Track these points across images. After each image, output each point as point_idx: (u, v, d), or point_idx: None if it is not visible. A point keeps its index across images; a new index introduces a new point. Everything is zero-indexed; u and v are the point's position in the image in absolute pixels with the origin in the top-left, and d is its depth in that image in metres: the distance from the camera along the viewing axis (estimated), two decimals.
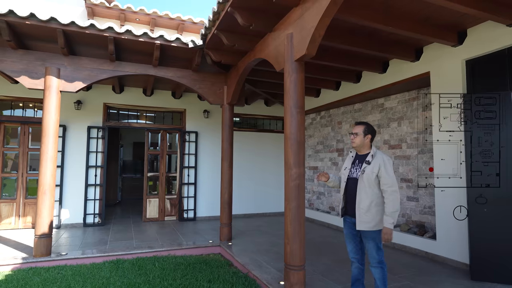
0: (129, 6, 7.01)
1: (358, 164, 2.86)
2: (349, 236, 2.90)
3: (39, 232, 4.50)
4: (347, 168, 2.94)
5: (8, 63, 4.52)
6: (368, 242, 2.74)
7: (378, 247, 2.72)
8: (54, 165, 4.62)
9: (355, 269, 2.92)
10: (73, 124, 6.73)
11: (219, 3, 3.77)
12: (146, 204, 7.37)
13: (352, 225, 2.85)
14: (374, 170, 2.70)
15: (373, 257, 2.74)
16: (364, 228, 2.69)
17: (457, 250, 4.21)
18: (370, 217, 2.68)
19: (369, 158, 2.78)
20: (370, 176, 2.70)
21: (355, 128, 2.91)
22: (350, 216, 2.84)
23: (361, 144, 2.88)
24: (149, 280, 3.89)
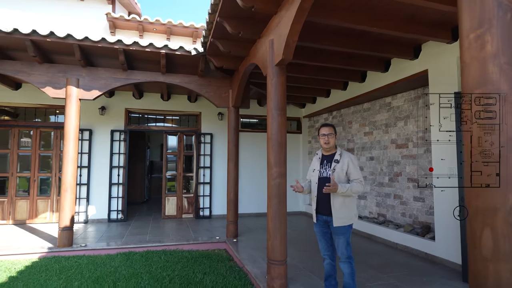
0: (146, 18, 7.54)
1: (327, 164, 2.97)
2: (320, 234, 3.02)
3: (62, 225, 5.06)
4: (315, 169, 3.05)
5: (36, 76, 5.14)
6: (339, 238, 2.86)
7: (347, 242, 2.85)
8: (74, 165, 5.16)
9: (327, 265, 3.03)
10: (98, 128, 7.37)
11: (209, 14, 4.04)
12: (165, 202, 7.85)
13: (323, 223, 2.97)
14: (343, 167, 2.85)
15: (342, 253, 2.86)
16: (340, 223, 2.81)
17: (455, 252, 4.12)
18: (344, 213, 2.82)
19: (337, 157, 2.93)
20: (340, 174, 2.85)
21: (327, 129, 3.01)
22: (322, 214, 2.95)
23: (333, 145, 3.00)
24: (152, 270, 4.26)
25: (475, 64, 1.16)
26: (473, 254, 1.15)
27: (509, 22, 1.09)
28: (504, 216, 1.07)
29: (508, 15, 1.09)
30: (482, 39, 1.13)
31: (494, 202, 1.10)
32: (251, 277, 3.91)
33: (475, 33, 1.16)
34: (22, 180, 7.18)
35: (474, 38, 1.16)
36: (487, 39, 1.12)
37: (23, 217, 6.98)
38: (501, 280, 1.07)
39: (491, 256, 1.09)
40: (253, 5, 3.30)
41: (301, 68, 5.58)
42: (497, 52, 1.10)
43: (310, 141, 8.88)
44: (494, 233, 1.09)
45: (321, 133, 3.03)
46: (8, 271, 4.18)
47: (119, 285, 3.73)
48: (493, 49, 1.10)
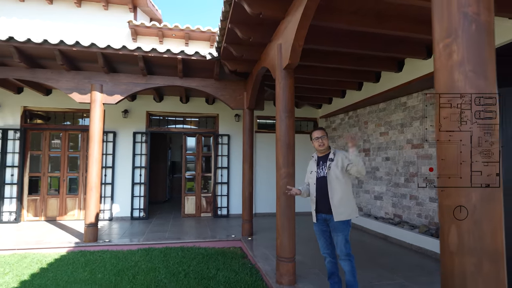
0: (165, 24, 7.85)
1: (323, 164, 3.07)
2: (320, 232, 3.11)
3: (88, 222, 5.40)
4: (313, 171, 3.15)
5: (63, 82, 5.52)
6: (338, 235, 2.93)
7: (346, 240, 2.92)
8: (99, 166, 5.50)
9: (328, 263, 3.12)
10: (121, 131, 7.75)
11: (221, 21, 4.21)
12: (184, 201, 8.13)
13: (323, 222, 3.06)
14: (338, 164, 2.96)
15: (341, 251, 2.93)
16: (341, 218, 2.89)
17: None
18: (344, 208, 2.91)
19: (331, 156, 3.04)
20: (336, 170, 2.95)
21: (320, 132, 3.15)
22: (322, 213, 3.04)
23: (327, 146, 3.10)
24: (169, 265, 4.49)
25: (443, 71, 1.24)
26: (442, 248, 1.24)
27: (474, 33, 1.17)
28: (470, 215, 1.15)
29: (473, 26, 1.17)
30: (449, 48, 1.22)
31: (459, 201, 1.18)
32: (262, 274, 4.05)
33: (443, 42, 1.24)
34: (53, 179, 7.67)
35: (443, 47, 1.24)
36: (454, 49, 1.20)
37: (53, 214, 7.46)
38: (465, 273, 1.15)
39: (457, 250, 1.17)
40: (260, 12, 3.43)
41: (315, 69, 5.63)
42: (463, 61, 1.18)
43: None
44: (460, 230, 1.17)
45: (314, 136, 3.15)
46: (39, 263, 4.54)
47: (138, 278, 3.97)
48: (459, 58, 1.19)
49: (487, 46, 1.18)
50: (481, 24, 1.18)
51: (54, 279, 3.93)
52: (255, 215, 8.05)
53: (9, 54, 5.09)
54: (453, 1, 1.22)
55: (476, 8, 1.18)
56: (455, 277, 1.18)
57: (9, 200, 7.14)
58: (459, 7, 1.20)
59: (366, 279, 3.70)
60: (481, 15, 1.18)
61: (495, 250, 1.14)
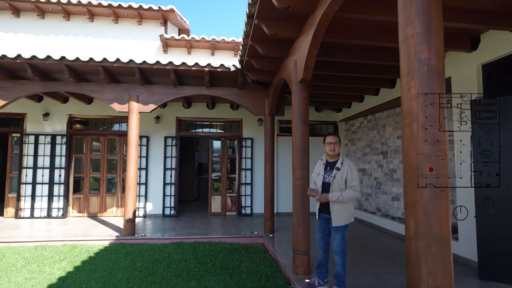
0: (193, 36, 8.47)
1: (330, 170, 3.40)
2: (319, 229, 3.50)
3: (126, 218, 6.08)
4: (320, 174, 3.48)
5: (105, 94, 6.24)
6: (337, 234, 3.31)
7: (343, 238, 3.30)
8: (136, 167, 6.16)
9: (320, 256, 3.52)
10: (154, 135, 8.46)
11: (243, 38, 4.71)
12: (211, 200, 8.71)
13: (324, 220, 3.44)
14: (343, 175, 3.27)
15: (337, 247, 3.30)
16: (339, 224, 3.25)
17: (475, 250, 4.29)
18: (342, 215, 3.26)
19: (338, 165, 3.35)
20: (340, 181, 3.27)
21: (333, 138, 3.44)
22: (324, 212, 3.41)
23: (338, 152, 3.46)
24: (198, 257, 5.03)
25: (406, 100, 1.65)
26: (406, 235, 1.64)
27: (426, 73, 1.57)
28: (421, 207, 1.55)
29: (425, 68, 1.57)
30: (409, 84, 1.62)
31: (415, 197, 1.58)
32: (281, 266, 4.49)
33: (406, 79, 1.65)
34: (93, 180, 8.50)
35: (405, 82, 1.65)
36: (411, 84, 1.61)
37: (95, 211, 8.28)
38: (419, 253, 1.55)
39: (414, 235, 1.57)
40: (277, 33, 3.89)
41: (334, 78, 5.98)
42: (417, 93, 1.58)
43: (347, 144, 9.16)
44: (415, 219, 1.57)
45: (327, 141, 3.43)
46: (87, 252, 5.23)
47: (171, 266, 4.54)
48: (415, 91, 1.59)
49: (436, 83, 1.57)
50: (432, 66, 1.57)
51: (101, 266, 4.58)
52: (277, 214, 8.49)
53: (60, 70, 5.85)
54: (411, 49, 1.62)
55: (427, 54, 1.57)
56: (412, 256, 1.58)
57: (57, 198, 8.02)
58: (415, 53, 1.60)
59: (377, 273, 4.05)
60: (432, 60, 1.57)
61: (441, 235, 1.53)
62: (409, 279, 1.61)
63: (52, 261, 4.79)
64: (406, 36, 1.66)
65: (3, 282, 3.98)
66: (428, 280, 1.51)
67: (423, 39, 1.59)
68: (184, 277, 4.18)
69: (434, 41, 1.58)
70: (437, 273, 1.50)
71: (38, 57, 5.44)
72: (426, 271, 1.52)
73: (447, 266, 1.52)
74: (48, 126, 8.14)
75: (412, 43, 1.62)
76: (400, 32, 1.71)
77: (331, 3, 2.92)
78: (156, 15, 8.58)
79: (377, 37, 4.03)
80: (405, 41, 1.66)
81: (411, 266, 1.59)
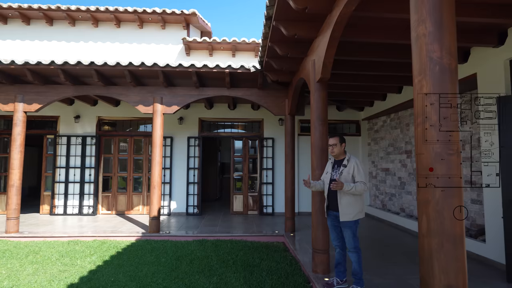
0: (214, 39, 8.65)
1: (337, 168, 3.46)
2: (332, 227, 3.52)
3: (152, 215, 6.31)
4: (328, 172, 3.55)
5: (131, 96, 6.51)
6: (346, 231, 3.32)
7: (354, 235, 3.31)
8: (160, 167, 6.39)
9: (337, 254, 3.53)
10: (177, 136, 8.71)
11: (262, 39, 4.78)
12: (233, 199, 8.85)
13: (334, 218, 3.46)
14: (349, 171, 3.33)
15: (350, 244, 3.32)
16: (346, 219, 3.29)
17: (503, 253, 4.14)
18: (350, 209, 3.28)
19: (345, 162, 3.41)
20: (347, 177, 3.32)
21: (331, 140, 3.51)
22: (333, 210, 3.45)
23: (339, 152, 3.48)
24: (219, 254, 5.16)
25: (418, 99, 1.66)
26: (419, 232, 1.65)
27: (437, 72, 1.58)
28: (433, 206, 1.56)
29: (436, 67, 1.58)
30: (421, 83, 1.64)
31: (427, 196, 1.59)
32: (301, 264, 4.53)
33: (417, 78, 1.66)
34: (121, 179, 8.86)
35: (417, 82, 1.66)
36: (423, 83, 1.62)
37: (122, 208, 8.64)
38: (432, 250, 1.56)
39: (426, 233, 1.59)
40: (295, 33, 3.93)
41: (355, 76, 5.94)
42: (429, 92, 1.59)
43: (370, 143, 9.02)
44: (427, 217, 1.58)
45: (328, 143, 3.56)
46: (115, 248, 5.49)
47: (194, 263, 4.69)
48: (427, 90, 1.60)
49: (448, 82, 1.57)
50: (443, 65, 1.57)
51: (128, 260, 4.80)
52: (299, 213, 8.50)
53: (90, 75, 6.17)
54: (423, 48, 1.63)
55: (439, 53, 1.58)
56: (425, 254, 1.59)
57: (88, 196, 8.44)
58: (427, 52, 1.61)
59: (398, 273, 4.01)
60: (443, 59, 1.58)
61: (453, 233, 1.53)
62: (422, 276, 1.62)
63: (83, 255, 5.07)
64: (417, 35, 1.67)
65: (40, 273, 4.27)
66: (441, 278, 1.52)
67: (434, 38, 1.59)
68: (206, 273, 4.31)
69: (446, 39, 1.59)
70: (450, 271, 1.51)
71: (70, 63, 5.77)
72: (438, 269, 1.53)
73: (460, 264, 1.52)
74: (79, 127, 8.58)
75: (424, 42, 1.63)
76: (412, 32, 1.72)
77: (347, 3, 2.93)
78: (179, 19, 8.83)
79: (398, 35, 3.98)
80: (417, 40, 1.67)
81: (424, 263, 1.60)
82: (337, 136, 3.54)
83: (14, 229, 6.16)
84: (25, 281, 3.99)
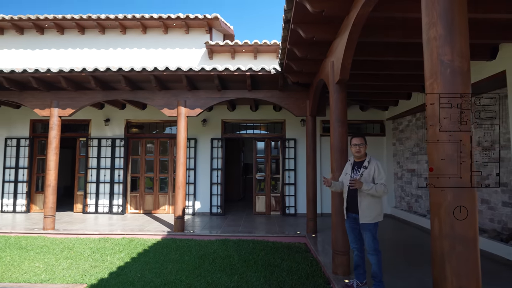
0: (236, 42, 8.79)
1: (357, 169, 3.42)
2: (350, 229, 3.49)
3: (176, 215, 6.53)
4: (348, 173, 3.50)
5: (156, 100, 6.77)
6: (366, 233, 3.29)
7: (374, 237, 3.27)
8: (184, 168, 6.59)
9: (356, 256, 3.49)
10: (201, 137, 8.93)
11: (281, 42, 4.83)
12: (255, 200, 8.94)
13: (353, 220, 3.43)
14: (370, 173, 3.29)
15: (369, 246, 3.29)
16: (366, 221, 3.26)
17: None
18: (369, 212, 3.25)
19: (365, 164, 3.37)
20: (367, 179, 3.28)
21: (359, 140, 3.44)
22: (352, 212, 3.42)
23: (364, 153, 3.45)
24: (241, 254, 5.26)
25: (429, 100, 1.66)
26: (431, 235, 1.66)
27: (449, 75, 1.58)
28: (445, 209, 1.57)
29: (448, 70, 1.58)
30: (432, 85, 1.64)
31: (440, 199, 1.60)
32: (322, 265, 4.54)
33: (429, 81, 1.67)
34: (147, 179, 9.20)
35: (429, 85, 1.67)
36: (435, 86, 1.63)
37: (149, 208, 8.97)
38: (443, 252, 1.57)
39: (438, 235, 1.59)
40: (314, 36, 3.95)
41: (377, 76, 5.85)
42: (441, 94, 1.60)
43: (395, 143, 8.82)
44: (439, 220, 1.59)
45: (353, 143, 3.46)
46: (142, 245, 5.74)
47: (216, 262, 4.82)
48: (438, 92, 1.61)
49: (460, 84, 1.57)
50: (455, 68, 1.57)
51: (154, 258, 5.01)
52: (322, 214, 8.46)
53: (118, 80, 6.48)
54: (434, 51, 1.63)
55: (450, 56, 1.58)
56: (437, 256, 1.59)
57: (117, 196, 8.84)
58: (438, 55, 1.61)
59: (421, 276, 3.93)
60: (455, 61, 1.57)
61: (465, 236, 1.53)
62: (434, 279, 1.62)
63: (112, 252, 5.34)
64: (429, 38, 1.67)
65: (74, 268, 4.56)
66: (453, 280, 1.52)
67: (445, 41, 1.59)
68: (227, 272, 4.42)
69: (457, 42, 1.58)
70: (462, 274, 1.51)
71: (99, 70, 6.09)
72: (450, 271, 1.53)
73: (473, 266, 1.51)
74: (109, 130, 9.00)
75: (435, 45, 1.63)
76: (424, 35, 1.73)
77: (364, 5, 2.93)
78: (202, 23, 9.05)
79: (418, 34, 3.89)
80: (428, 43, 1.68)
81: (436, 266, 1.60)
82: (362, 136, 3.51)
83: (51, 226, 6.58)
84: (60, 275, 4.27)
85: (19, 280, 4.09)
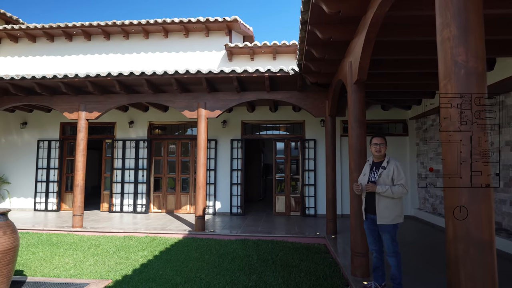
0: (255, 43, 8.86)
1: (376, 170, 3.37)
2: (369, 230, 3.44)
3: (197, 215, 6.67)
4: (366, 174, 3.45)
5: (177, 103, 6.94)
6: (385, 235, 3.24)
7: (393, 239, 3.21)
8: (204, 169, 6.73)
9: (374, 258, 3.43)
10: (221, 138, 9.06)
11: (299, 43, 4.85)
12: (275, 200, 8.97)
13: (371, 221, 3.38)
14: (389, 173, 3.23)
15: (388, 248, 3.23)
16: (383, 222, 3.21)
17: None
18: (388, 213, 3.19)
19: (384, 164, 3.31)
20: (386, 179, 3.23)
21: (379, 139, 3.38)
22: (370, 213, 3.37)
23: (384, 153, 3.39)
24: (260, 253, 5.31)
25: (443, 101, 1.65)
26: (446, 238, 1.64)
27: (463, 76, 1.56)
28: (459, 211, 1.55)
29: (462, 71, 1.56)
30: (446, 86, 1.62)
31: (453, 201, 1.58)
32: (341, 267, 4.51)
33: (443, 82, 1.65)
34: (170, 180, 9.44)
35: (443, 86, 1.65)
36: (449, 87, 1.61)
37: (171, 207, 9.20)
38: (458, 255, 1.55)
39: (453, 238, 1.57)
40: (331, 36, 3.95)
41: (399, 75, 5.73)
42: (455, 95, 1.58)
43: (418, 143, 8.58)
44: (454, 223, 1.57)
45: (373, 142, 3.41)
46: (164, 244, 5.91)
47: (235, 261, 4.90)
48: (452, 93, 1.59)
49: (475, 85, 1.54)
50: (469, 69, 1.55)
51: (175, 256, 5.15)
52: (342, 215, 8.37)
53: (141, 84, 6.71)
54: (447, 52, 1.61)
55: (464, 57, 1.55)
56: (452, 259, 1.57)
57: (141, 195, 9.13)
58: (452, 56, 1.59)
59: (442, 280, 3.83)
60: (469, 62, 1.55)
61: (480, 239, 1.50)
62: (448, 282, 1.60)
63: (136, 249, 5.54)
64: (442, 39, 1.66)
65: (100, 264, 4.77)
66: (467, 284, 1.50)
67: (459, 41, 1.57)
68: (246, 271, 4.48)
69: (471, 43, 1.56)
70: (476, 278, 1.48)
71: (123, 74, 6.33)
72: (464, 275, 1.51)
73: (489, 270, 1.49)
74: (133, 132, 9.31)
75: (449, 46, 1.61)
76: (437, 35, 1.71)
77: (381, 4, 2.91)
78: (221, 26, 9.18)
79: None
80: (442, 44, 1.66)
81: (450, 269, 1.59)
82: (383, 137, 3.46)
83: (79, 224, 6.90)
84: (87, 271, 4.49)
85: (50, 275, 4.33)
